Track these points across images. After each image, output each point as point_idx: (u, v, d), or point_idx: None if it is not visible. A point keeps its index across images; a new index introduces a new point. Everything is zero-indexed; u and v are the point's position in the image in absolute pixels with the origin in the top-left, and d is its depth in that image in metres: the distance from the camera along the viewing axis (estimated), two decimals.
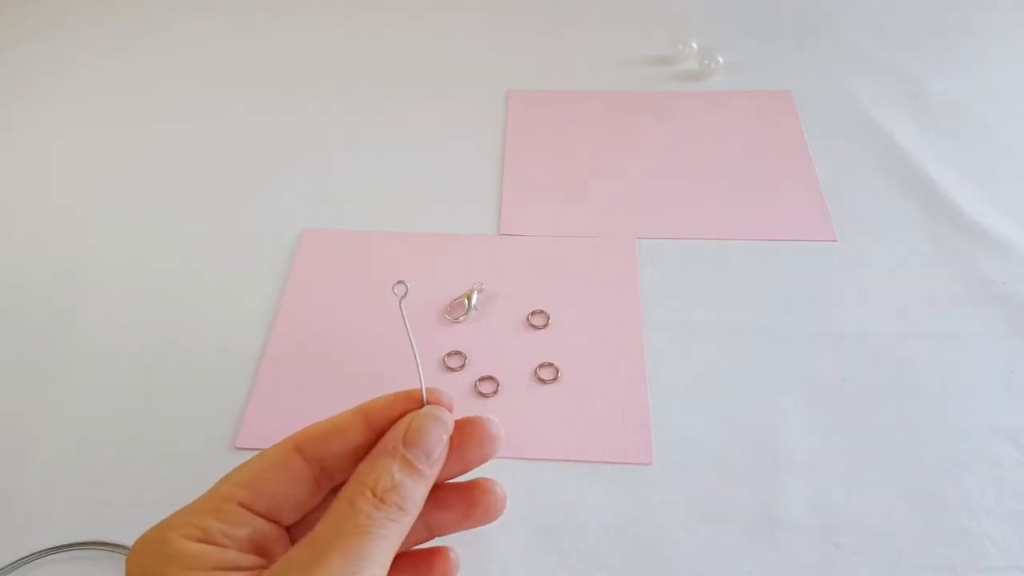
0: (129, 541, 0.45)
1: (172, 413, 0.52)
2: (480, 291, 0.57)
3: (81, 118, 0.75)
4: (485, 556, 0.44)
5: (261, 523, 0.30)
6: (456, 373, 0.53)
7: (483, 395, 0.52)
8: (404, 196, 0.66)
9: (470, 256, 0.61)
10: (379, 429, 0.31)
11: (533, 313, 0.56)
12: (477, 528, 0.33)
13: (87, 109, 0.76)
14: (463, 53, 0.81)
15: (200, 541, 0.28)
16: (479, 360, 0.54)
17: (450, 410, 0.32)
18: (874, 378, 0.53)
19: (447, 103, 0.75)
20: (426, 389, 0.32)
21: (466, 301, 0.57)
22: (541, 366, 0.53)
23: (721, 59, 0.76)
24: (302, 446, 0.31)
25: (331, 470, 0.31)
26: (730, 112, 0.73)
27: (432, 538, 0.33)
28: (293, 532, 0.32)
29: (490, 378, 0.53)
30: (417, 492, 0.29)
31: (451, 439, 0.31)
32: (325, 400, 0.52)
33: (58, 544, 0.45)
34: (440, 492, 0.32)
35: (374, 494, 0.28)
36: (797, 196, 0.65)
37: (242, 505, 0.29)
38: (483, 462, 0.32)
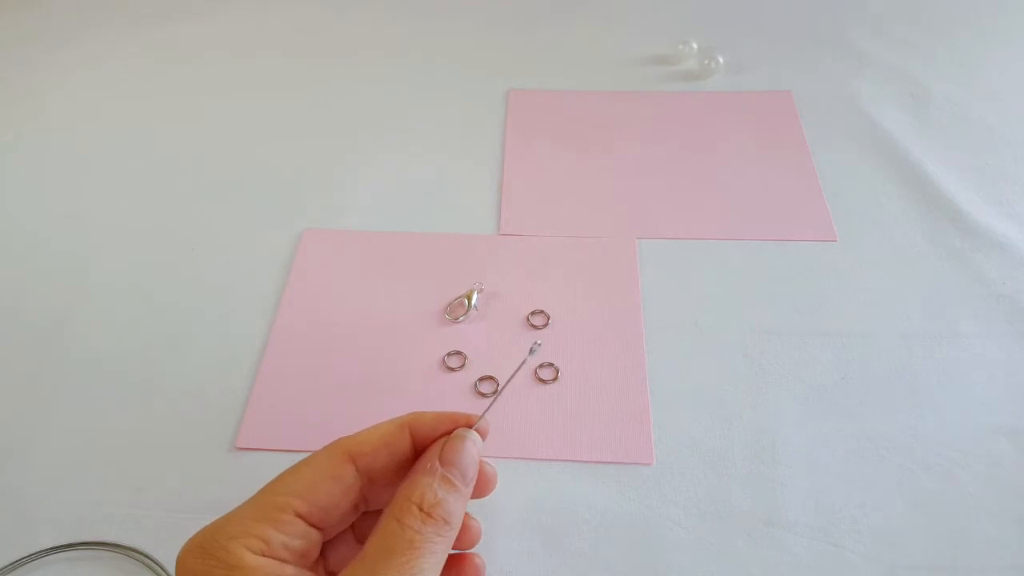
0: (129, 541, 0.45)
1: (172, 413, 0.52)
2: (480, 291, 0.57)
3: (81, 118, 0.75)
4: (485, 556, 0.44)
5: (314, 534, 0.30)
6: (456, 373, 0.53)
7: (483, 395, 0.52)
8: (404, 196, 0.66)
9: (470, 256, 0.61)
10: (420, 446, 0.33)
11: (533, 313, 0.56)
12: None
13: (87, 109, 0.76)
14: (463, 53, 0.81)
15: (262, 554, 0.28)
16: (479, 360, 0.54)
17: (484, 437, 0.33)
18: (874, 378, 0.53)
19: (447, 103, 0.75)
20: (467, 415, 0.34)
21: (466, 301, 0.57)
22: (541, 366, 0.53)
23: (721, 59, 0.76)
24: (355, 458, 0.31)
25: (376, 481, 0.32)
26: (730, 112, 0.73)
27: None
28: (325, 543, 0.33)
29: (490, 378, 0.53)
30: (458, 508, 0.30)
31: None
32: (325, 400, 0.52)
33: (58, 544, 0.45)
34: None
35: (421, 510, 0.29)
36: (797, 196, 0.65)
37: (299, 515, 0.30)
38: (480, 497, 0.34)
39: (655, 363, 0.53)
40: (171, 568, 0.44)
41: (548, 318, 0.56)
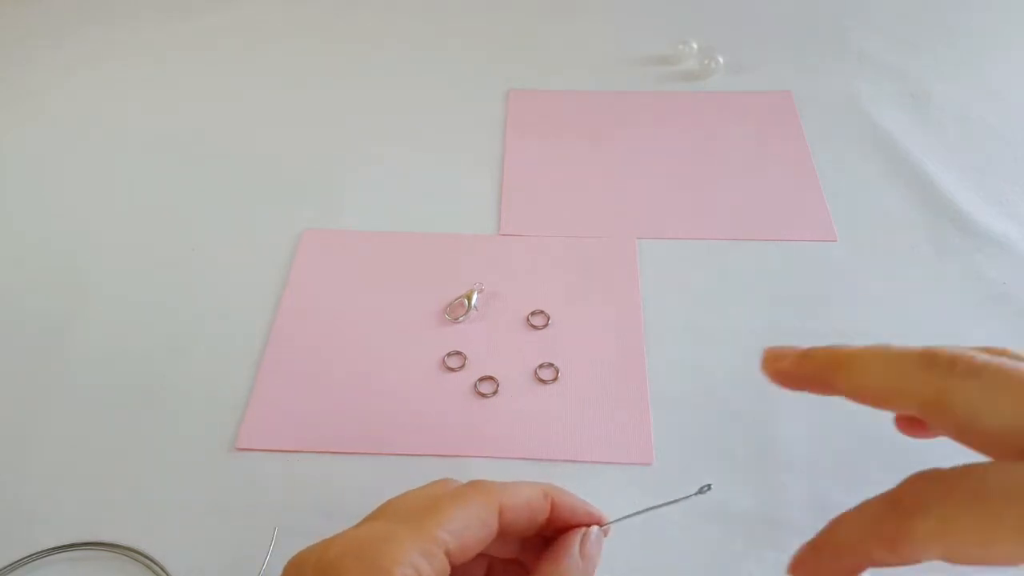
0: (129, 541, 0.45)
1: (172, 413, 0.52)
2: (480, 291, 0.57)
3: (80, 118, 0.75)
4: None
5: (447, 573, 0.30)
6: (456, 373, 0.53)
7: (483, 395, 0.52)
8: (404, 196, 0.66)
9: (470, 256, 0.61)
10: (555, 522, 0.34)
11: (533, 313, 0.56)
12: None
13: (86, 109, 0.76)
14: (463, 53, 0.81)
15: None
16: (479, 360, 0.54)
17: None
18: None
19: (447, 103, 0.75)
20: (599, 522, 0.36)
21: (466, 301, 0.57)
22: (541, 366, 0.53)
23: (721, 59, 0.76)
24: (505, 512, 0.32)
25: (507, 536, 0.33)
26: (730, 112, 0.73)
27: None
28: None
29: (490, 378, 0.53)
30: None
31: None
32: (325, 400, 0.52)
33: (58, 544, 0.45)
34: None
35: None
36: (797, 196, 0.65)
37: (447, 553, 0.30)
38: None
39: (655, 363, 0.53)
40: (171, 568, 0.44)
41: (548, 318, 0.56)
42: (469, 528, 0.30)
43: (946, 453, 0.33)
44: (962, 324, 0.56)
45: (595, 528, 0.35)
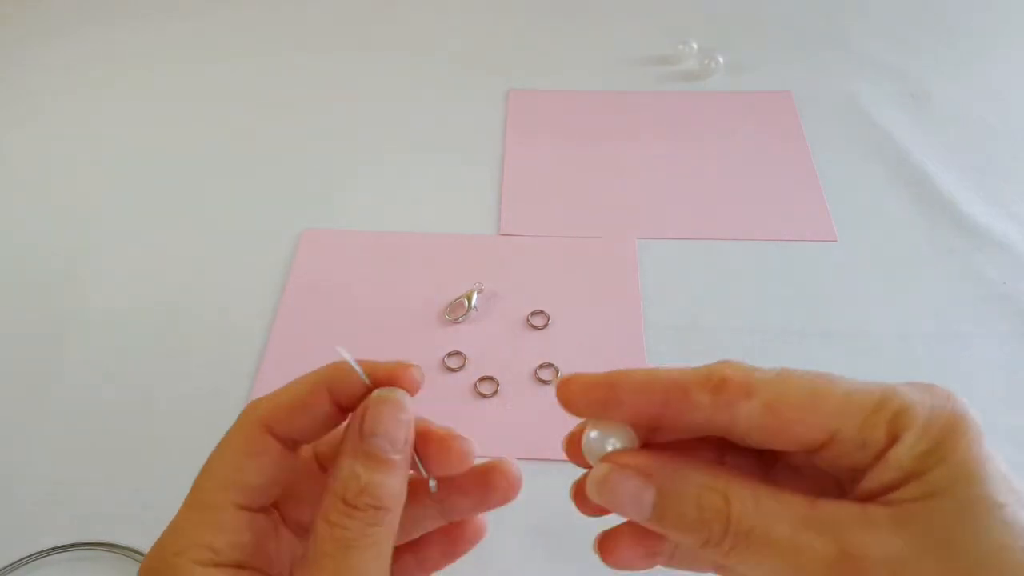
0: (129, 541, 0.45)
1: (172, 413, 0.52)
2: (480, 291, 0.57)
3: (81, 118, 0.75)
4: (485, 556, 0.44)
5: (260, 518, 0.27)
6: (456, 373, 0.53)
7: (483, 395, 0.52)
8: (404, 196, 0.66)
9: (470, 256, 0.61)
10: (349, 406, 0.29)
11: (533, 313, 0.56)
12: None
13: (86, 109, 0.76)
14: (463, 53, 0.81)
15: (212, 564, 0.26)
16: (479, 360, 0.54)
17: (415, 387, 0.29)
18: (874, 378, 0.53)
19: (447, 103, 0.75)
20: (372, 366, 0.29)
21: (466, 301, 0.57)
22: (541, 366, 0.53)
23: (721, 59, 0.76)
24: (271, 426, 0.28)
25: (306, 442, 0.29)
26: (730, 112, 0.73)
27: (446, 522, 0.32)
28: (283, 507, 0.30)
29: (490, 378, 0.53)
30: (391, 485, 0.26)
31: (476, 481, 0.30)
32: None
33: (58, 544, 0.45)
34: (455, 479, 0.30)
35: (345, 503, 0.25)
36: (797, 196, 0.65)
37: (238, 506, 0.27)
38: (504, 503, 0.31)
39: (655, 363, 0.53)
40: None
41: (548, 318, 0.56)
42: (242, 465, 0.27)
43: None
44: (962, 324, 0.56)
45: (379, 393, 0.28)
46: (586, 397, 0.27)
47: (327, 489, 0.26)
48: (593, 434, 0.27)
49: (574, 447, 0.28)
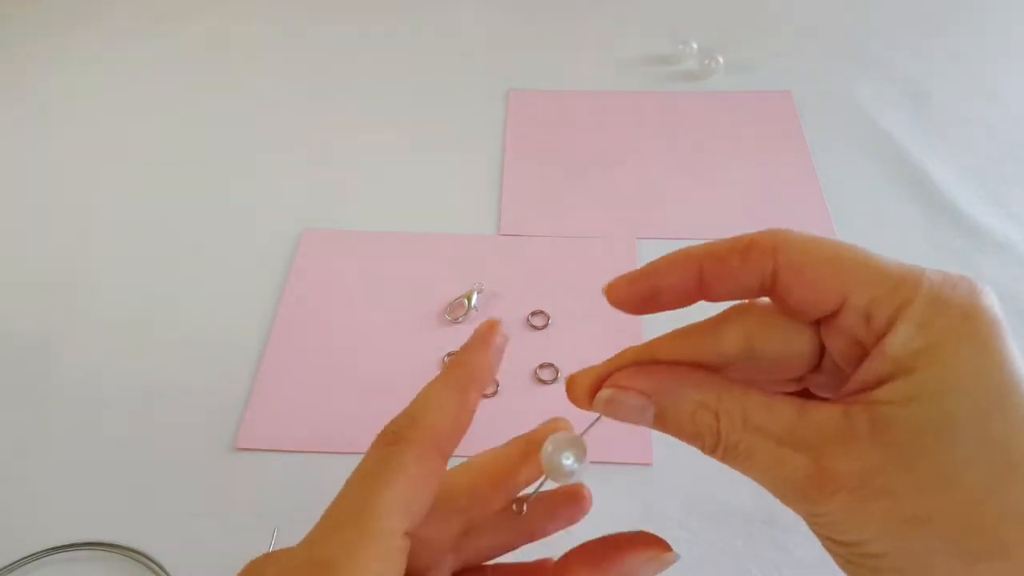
0: (129, 541, 0.45)
1: (172, 413, 0.52)
2: (480, 291, 0.57)
3: (80, 117, 0.75)
4: None
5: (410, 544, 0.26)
6: None
7: (483, 395, 0.52)
8: (404, 196, 0.66)
9: (470, 256, 0.61)
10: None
11: (533, 313, 0.56)
12: None
13: (86, 109, 0.76)
14: (463, 53, 0.81)
15: None
16: None
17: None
18: None
19: (447, 103, 0.75)
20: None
21: (466, 301, 0.57)
22: (541, 366, 0.53)
23: (721, 59, 0.76)
24: (443, 449, 0.27)
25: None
26: (730, 112, 0.73)
27: (511, 540, 0.32)
28: None
29: None
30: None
31: (561, 503, 0.31)
32: (325, 400, 0.52)
33: (58, 544, 0.45)
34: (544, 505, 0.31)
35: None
36: (797, 196, 0.65)
37: (406, 533, 0.26)
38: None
39: None
40: (171, 568, 0.44)
41: (548, 318, 0.56)
42: (415, 496, 0.26)
43: None
44: None
45: (667, 555, 0.28)
46: (632, 292, 0.28)
47: None
48: (549, 447, 0.29)
49: (574, 390, 0.29)
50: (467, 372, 0.28)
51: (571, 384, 0.28)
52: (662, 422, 0.26)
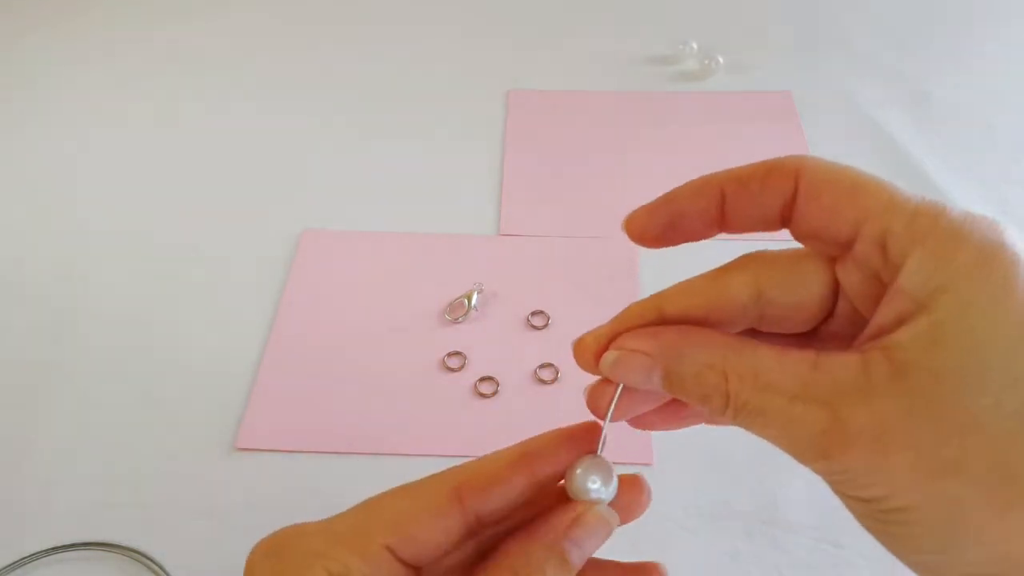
0: (129, 541, 0.45)
1: (172, 413, 0.52)
2: (480, 291, 0.57)
3: (80, 117, 0.75)
4: None
5: (400, 569, 0.26)
6: (456, 373, 0.53)
7: (483, 396, 0.52)
8: (404, 196, 0.66)
9: (470, 256, 0.61)
10: (540, 476, 0.28)
11: (533, 313, 0.56)
12: None
13: (86, 109, 0.75)
14: (463, 53, 0.81)
15: None
16: (479, 360, 0.54)
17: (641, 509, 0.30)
18: None
19: (447, 103, 0.75)
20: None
21: (466, 301, 0.57)
22: (541, 366, 0.53)
23: (721, 59, 0.76)
24: (464, 494, 0.27)
25: (485, 520, 0.28)
26: (730, 112, 0.73)
27: None
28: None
29: (490, 378, 0.53)
30: None
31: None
32: (325, 400, 0.52)
33: (58, 544, 0.45)
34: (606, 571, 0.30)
35: None
36: None
37: (388, 548, 0.26)
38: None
39: None
40: (171, 568, 0.44)
41: (548, 318, 0.56)
42: (413, 516, 0.26)
43: None
44: None
45: (600, 511, 0.28)
46: (652, 221, 0.28)
47: (505, 564, 0.26)
48: (579, 471, 0.28)
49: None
50: (530, 447, 0.28)
51: (578, 346, 0.28)
52: (669, 384, 0.25)
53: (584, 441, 0.29)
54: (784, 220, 0.25)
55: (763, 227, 0.26)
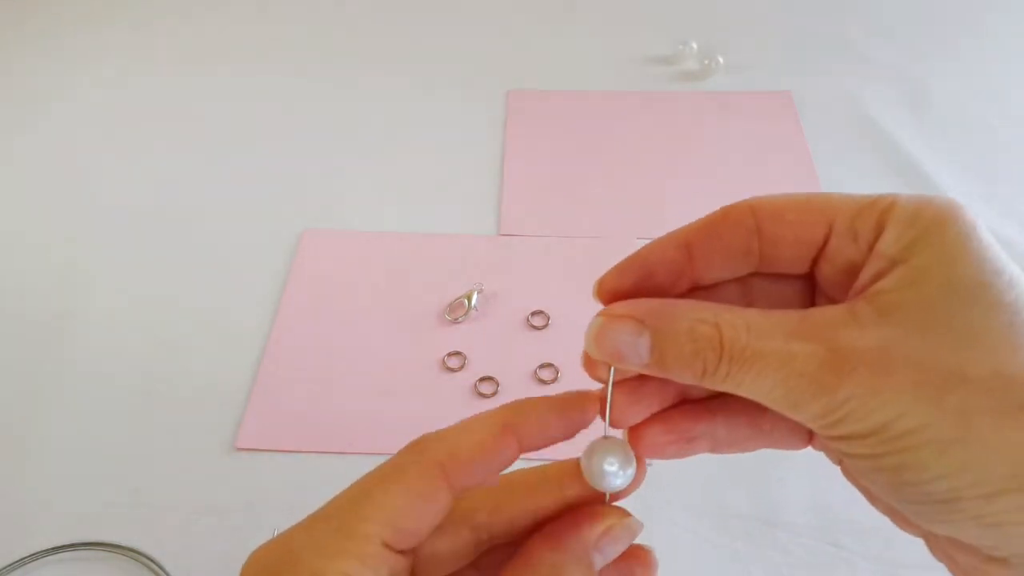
0: (129, 541, 0.45)
1: (172, 413, 0.52)
2: (480, 291, 0.57)
3: (79, 116, 0.74)
4: None
5: (396, 561, 0.26)
6: (456, 373, 0.53)
7: (483, 396, 0.52)
8: (404, 196, 0.66)
9: (470, 256, 0.61)
10: (527, 446, 0.27)
11: (533, 313, 0.56)
12: None
13: (86, 108, 0.75)
14: (463, 53, 0.81)
15: None
16: (479, 360, 0.54)
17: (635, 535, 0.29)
18: None
19: (447, 103, 0.75)
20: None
21: (466, 301, 0.57)
22: (541, 366, 0.53)
23: (721, 59, 0.76)
24: (450, 471, 0.26)
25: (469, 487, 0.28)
26: (730, 112, 0.73)
27: None
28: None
29: (490, 379, 0.53)
30: None
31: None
32: (325, 400, 0.52)
33: (58, 544, 0.45)
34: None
35: None
36: None
37: (385, 545, 0.25)
38: None
39: None
40: (171, 568, 0.44)
41: (548, 318, 0.56)
42: (406, 507, 0.25)
43: None
44: None
45: (630, 522, 0.27)
46: (623, 281, 0.28)
47: (525, 568, 0.26)
48: (596, 456, 0.27)
49: (591, 365, 0.28)
50: (516, 415, 0.27)
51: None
52: (658, 352, 0.24)
53: (576, 411, 0.28)
54: (751, 257, 0.26)
55: (731, 268, 0.26)
